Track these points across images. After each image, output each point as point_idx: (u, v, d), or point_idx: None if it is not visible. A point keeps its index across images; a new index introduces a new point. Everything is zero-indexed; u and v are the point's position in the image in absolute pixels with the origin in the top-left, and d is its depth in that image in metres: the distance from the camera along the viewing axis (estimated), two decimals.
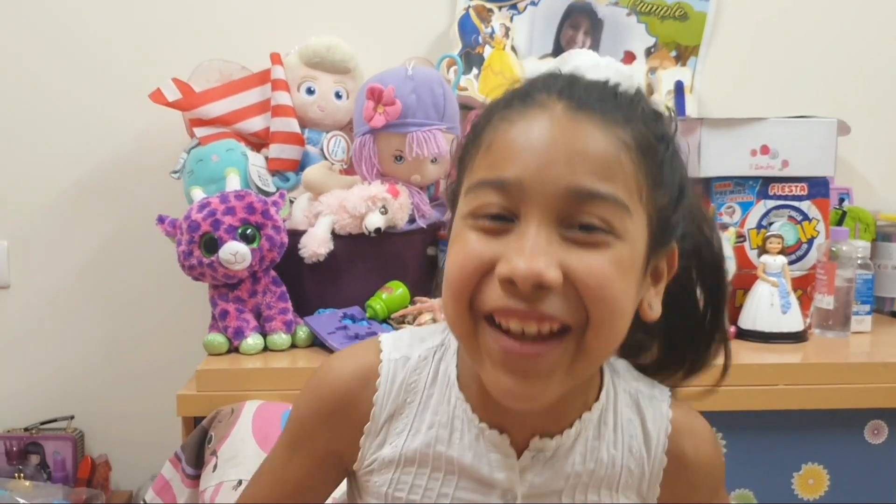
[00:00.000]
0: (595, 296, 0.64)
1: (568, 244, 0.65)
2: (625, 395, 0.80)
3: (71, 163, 1.92)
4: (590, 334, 0.65)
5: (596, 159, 0.65)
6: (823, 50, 2.10)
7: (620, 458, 0.77)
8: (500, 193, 0.66)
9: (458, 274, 0.67)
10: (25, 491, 1.69)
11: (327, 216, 1.60)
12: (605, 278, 0.64)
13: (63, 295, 1.95)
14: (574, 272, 0.64)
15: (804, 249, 1.74)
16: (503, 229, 0.66)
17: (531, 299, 0.64)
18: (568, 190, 0.64)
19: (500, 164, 0.66)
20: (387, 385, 0.78)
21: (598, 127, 0.66)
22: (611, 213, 0.65)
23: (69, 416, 1.91)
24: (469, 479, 0.76)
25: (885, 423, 1.48)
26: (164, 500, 1.36)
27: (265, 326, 1.54)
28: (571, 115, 0.66)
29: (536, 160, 0.65)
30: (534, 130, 0.66)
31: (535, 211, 0.64)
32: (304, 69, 1.79)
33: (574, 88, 0.68)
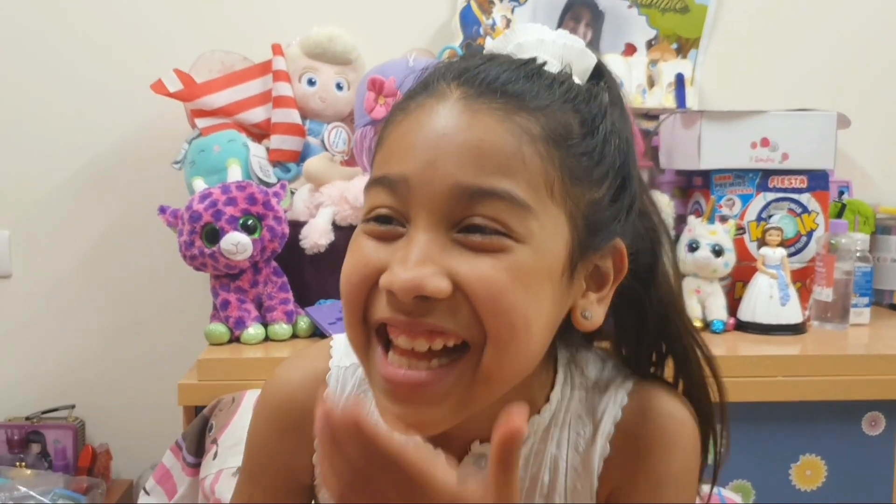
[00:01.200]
0: (488, 307, 0.57)
1: (459, 249, 0.58)
2: (579, 392, 0.73)
3: (73, 153, 1.92)
4: (488, 353, 0.58)
5: (490, 153, 0.58)
6: (824, 43, 2.10)
7: (564, 460, 0.71)
8: (389, 193, 0.60)
9: (346, 284, 0.62)
10: (27, 479, 1.70)
11: (328, 207, 1.61)
12: (499, 287, 0.57)
13: (64, 284, 1.95)
14: (463, 280, 0.57)
15: (803, 242, 1.74)
16: (394, 234, 0.60)
17: (417, 312, 0.58)
18: (455, 188, 0.57)
19: (389, 160, 0.61)
20: (335, 396, 0.73)
21: (497, 117, 0.58)
22: (506, 213, 0.58)
23: (70, 405, 1.92)
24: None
25: (882, 415, 1.49)
26: (165, 488, 1.36)
27: (266, 317, 1.54)
28: (466, 105, 0.59)
29: (423, 156, 0.58)
30: (424, 123, 0.60)
31: (422, 213, 0.58)
32: (305, 60, 1.79)
33: (478, 73, 0.61)
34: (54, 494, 1.64)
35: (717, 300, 1.65)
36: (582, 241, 0.62)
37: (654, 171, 1.86)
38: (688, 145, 1.74)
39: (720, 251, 1.63)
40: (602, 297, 0.66)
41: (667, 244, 0.73)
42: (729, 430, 0.77)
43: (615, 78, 0.70)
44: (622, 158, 0.64)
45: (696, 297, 1.65)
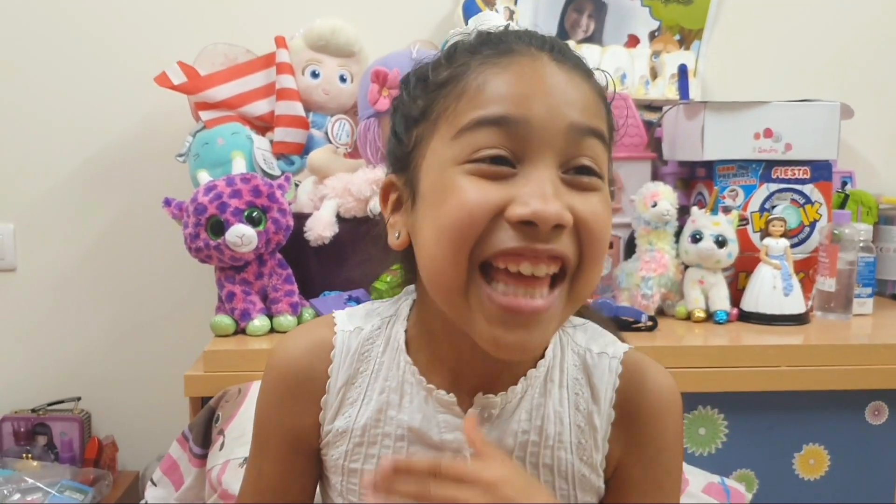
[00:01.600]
0: (596, 237, 0.67)
1: (567, 188, 0.66)
2: (572, 355, 0.80)
3: (77, 146, 1.93)
4: (583, 275, 0.67)
5: (588, 101, 0.68)
6: (827, 34, 2.10)
7: (567, 415, 0.77)
8: (502, 133, 0.65)
9: (466, 220, 0.65)
10: (33, 471, 1.71)
11: (332, 199, 1.61)
12: (604, 220, 0.68)
13: (70, 277, 1.96)
14: (580, 215, 0.66)
15: (806, 232, 1.75)
16: (505, 173, 0.66)
17: (547, 240, 0.65)
18: (572, 127, 0.66)
19: (499, 103, 0.66)
20: (341, 355, 0.79)
21: (582, 77, 0.69)
22: (600, 153, 0.69)
23: (76, 397, 1.93)
24: (420, 443, 0.76)
25: (885, 405, 1.49)
26: (172, 479, 1.37)
27: (271, 308, 1.55)
28: (559, 65, 0.68)
29: (540, 101, 0.66)
30: (529, 74, 0.67)
31: (540, 152, 0.66)
32: (308, 52, 1.80)
33: (549, 42, 0.71)
34: (61, 486, 1.65)
35: (720, 291, 1.66)
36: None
37: (657, 162, 1.87)
38: (691, 136, 1.74)
39: (723, 242, 1.63)
40: None
41: None
42: None
43: None
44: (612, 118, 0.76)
45: (700, 287, 1.66)
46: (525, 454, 0.76)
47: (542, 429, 0.76)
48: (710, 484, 1.42)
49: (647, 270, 1.65)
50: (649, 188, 1.69)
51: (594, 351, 0.80)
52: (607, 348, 0.80)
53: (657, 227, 1.67)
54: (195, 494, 1.34)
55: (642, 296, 1.65)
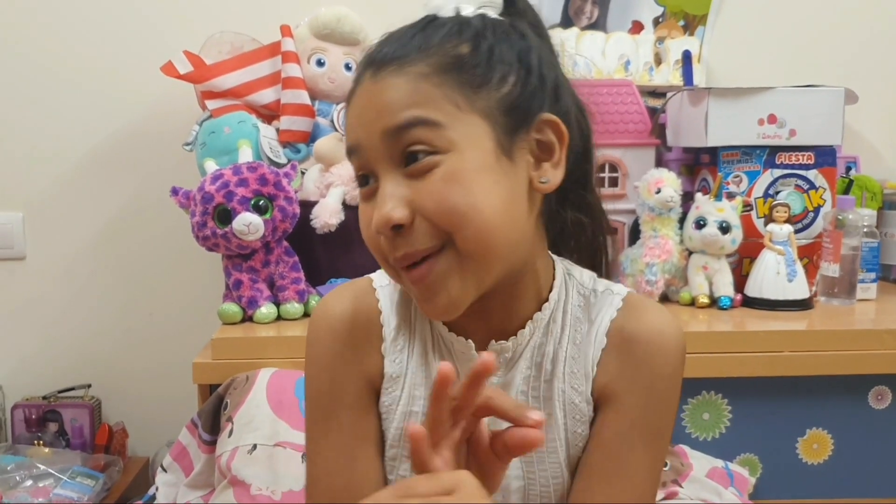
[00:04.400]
0: (439, 213, 0.72)
1: (410, 180, 0.73)
2: (577, 296, 0.85)
3: (85, 136, 1.94)
4: (458, 238, 0.72)
5: (395, 100, 0.73)
6: (831, 19, 2.09)
7: (564, 350, 0.83)
8: (357, 159, 0.76)
9: (368, 241, 0.77)
10: (45, 457, 1.73)
11: (338, 187, 1.62)
12: (440, 195, 0.72)
13: (79, 266, 1.97)
14: (417, 202, 0.72)
15: (810, 218, 1.75)
16: (373, 190, 0.75)
17: (401, 241, 0.73)
18: (383, 134, 0.73)
19: (347, 136, 0.77)
20: (386, 304, 0.86)
21: (395, 75, 0.73)
22: (425, 134, 0.72)
23: (86, 384, 1.95)
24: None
25: (888, 389, 1.50)
26: (182, 465, 1.39)
27: (278, 296, 1.56)
28: (374, 80, 0.74)
29: (360, 124, 0.75)
30: (356, 102, 0.76)
31: (378, 164, 0.74)
32: (313, 41, 1.80)
33: (376, 55, 0.76)
34: (72, 472, 1.67)
35: (724, 277, 1.66)
36: (506, 127, 0.75)
37: (661, 148, 1.87)
38: (695, 122, 1.74)
39: (727, 228, 1.64)
40: (556, 162, 0.79)
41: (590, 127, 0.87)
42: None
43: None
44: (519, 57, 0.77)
45: (704, 273, 1.67)
46: (528, 388, 0.83)
47: (542, 365, 0.83)
48: (714, 468, 1.43)
49: (652, 256, 1.66)
50: (653, 174, 1.69)
51: (599, 290, 0.85)
52: (613, 287, 0.86)
53: (661, 213, 1.67)
54: (205, 480, 1.36)
55: (646, 282, 1.66)
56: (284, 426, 1.28)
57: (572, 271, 0.87)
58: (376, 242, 0.76)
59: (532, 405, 0.82)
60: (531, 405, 0.82)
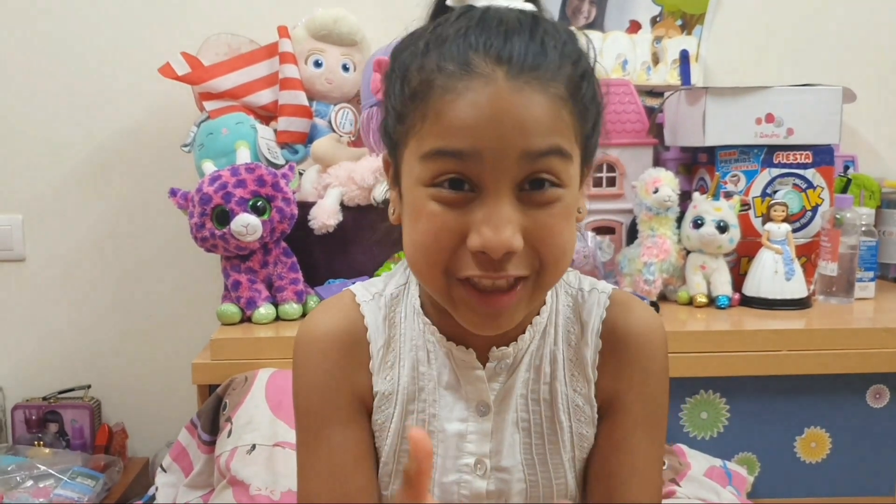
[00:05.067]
0: (550, 248, 0.71)
1: (524, 206, 0.70)
2: (565, 297, 0.85)
3: (83, 137, 1.94)
4: (545, 273, 0.72)
5: (542, 120, 0.68)
6: (828, 18, 2.09)
7: (561, 352, 0.83)
8: (458, 162, 0.69)
9: (433, 246, 0.71)
10: (45, 458, 1.73)
11: (336, 188, 1.62)
12: (558, 231, 0.71)
13: (78, 267, 1.98)
14: (531, 232, 0.70)
15: (808, 217, 1.75)
16: (466, 199, 0.70)
17: (499, 266, 0.69)
18: (523, 154, 0.68)
19: (455, 135, 0.69)
20: (371, 320, 0.84)
21: (537, 89, 0.68)
22: (559, 166, 0.70)
23: (86, 385, 1.95)
24: (448, 396, 0.82)
25: (886, 388, 1.50)
26: (181, 465, 1.39)
27: (277, 296, 1.57)
28: (513, 83, 0.68)
29: (491, 131, 0.67)
30: (482, 103, 0.68)
31: (495, 180, 0.68)
32: (311, 42, 1.80)
33: (510, 47, 0.69)
34: (73, 472, 1.67)
35: (722, 276, 1.67)
36: (585, 162, 0.75)
37: (659, 148, 1.87)
38: (692, 122, 1.75)
39: (725, 227, 1.64)
40: (584, 192, 0.79)
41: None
42: None
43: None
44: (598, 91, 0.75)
45: (702, 272, 1.67)
46: (527, 392, 0.82)
47: (541, 368, 0.82)
48: (712, 467, 1.44)
49: (649, 256, 1.66)
50: (651, 174, 1.70)
51: (585, 289, 0.86)
52: (597, 285, 0.86)
53: (659, 212, 1.67)
54: (204, 480, 1.36)
55: (644, 281, 1.66)
56: (283, 426, 1.29)
57: None
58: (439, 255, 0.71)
59: (533, 408, 0.82)
60: (533, 408, 0.82)
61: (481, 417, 0.81)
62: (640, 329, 0.84)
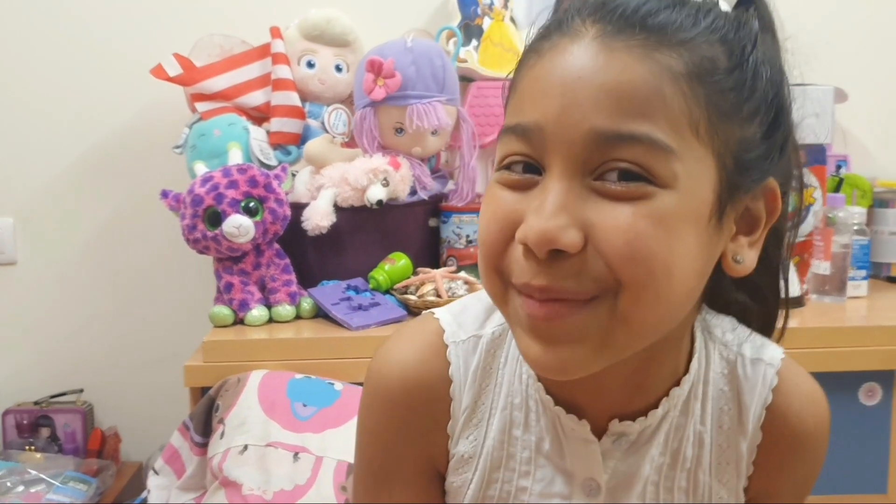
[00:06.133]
0: (622, 256, 0.54)
1: (595, 197, 0.55)
2: (720, 361, 0.70)
3: (74, 139, 1.93)
4: (626, 299, 0.55)
5: (628, 94, 0.54)
6: (820, 17, 2.09)
7: (709, 434, 0.69)
8: (522, 141, 0.57)
9: (486, 237, 0.59)
10: (37, 463, 1.72)
11: (329, 189, 1.62)
12: (639, 235, 0.54)
13: (69, 270, 1.97)
14: (600, 231, 0.55)
15: (801, 216, 1.75)
16: (529, 182, 0.57)
17: (549, 269, 0.55)
18: (591, 133, 0.54)
19: (522, 107, 0.58)
20: (459, 372, 0.70)
21: (636, 54, 0.54)
22: (647, 156, 0.54)
23: (78, 389, 1.94)
24: (548, 467, 0.69)
25: (879, 385, 1.50)
26: (174, 468, 1.39)
27: (270, 298, 1.56)
28: (603, 43, 0.55)
29: (558, 101, 0.55)
30: (558, 65, 0.56)
31: (557, 160, 0.55)
32: (303, 43, 1.80)
33: (616, 7, 0.56)
34: (65, 477, 1.66)
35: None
36: (731, 182, 0.58)
37: None
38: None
39: None
40: (753, 240, 0.62)
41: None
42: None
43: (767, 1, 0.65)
44: (775, 90, 0.61)
45: None
46: (660, 478, 0.69)
47: (680, 451, 0.69)
48: None
49: None
50: None
51: (747, 356, 0.70)
52: (763, 353, 0.71)
53: None
54: (197, 482, 1.35)
55: None
56: (276, 427, 1.28)
57: (711, 326, 0.70)
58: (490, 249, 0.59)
59: (665, 496, 0.69)
60: (665, 496, 0.69)
61: (588, 496, 0.68)
62: (814, 425, 0.71)
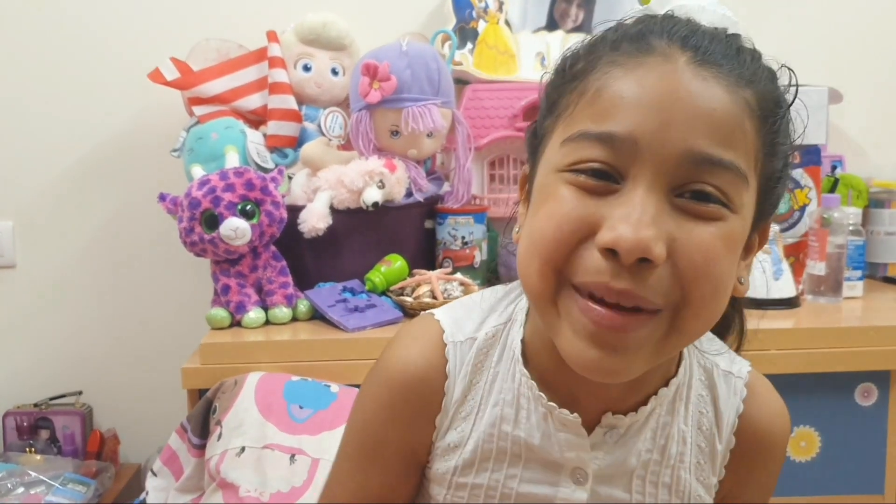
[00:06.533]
0: (700, 273, 0.58)
1: (677, 214, 0.59)
2: (699, 369, 0.75)
3: (73, 143, 1.94)
4: (687, 313, 0.60)
5: (720, 123, 0.58)
6: (815, 18, 2.11)
7: (690, 434, 0.74)
8: (607, 149, 0.59)
9: (553, 234, 0.60)
10: (37, 465, 1.73)
11: (326, 191, 1.62)
12: (715, 255, 0.59)
13: (68, 273, 1.97)
14: (681, 246, 0.58)
15: (796, 217, 1.76)
16: (607, 189, 0.59)
17: (632, 275, 0.58)
18: (687, 154, 0.58)
19: (610, 115, 0.59)
20: (455, 370, 0.74)
21: (724, 86, 0.59)
22: (729, 183, 0.59)
23: (77, 391, 1.95)
24: (536, 459, 0.73)
25: (875, 386, 1.51)
26: (172, 469, 1.39)
27: (266, 300, 1.57)
28: (696, 71, 0.59)
29: (655, 117, 0.58)
30: (653, 82, 0.59)
31: (646, 173, 0.58)
32: (300, 46, 1.81)
33: (697, 38, 0.61)
34: (64, 479, 1.67)
35: None
36: (760, 213, 0.64)
37: None
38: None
39: None
40: (748, 264, 0.68)
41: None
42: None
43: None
44: (792, 137, 0.66)
45: None
46: (646, 473, 0.73)
47: (666, 448, 0.73)
48: None
49: None
50: None
51: (721, 367, 0.76)
52: (732, 367, 0.77)
53: None
54: (195, 484, 1.36)
55: None
56: (273, 429, 1.29)
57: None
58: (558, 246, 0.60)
59: (650, 490, 0.73)
60: (650, 490, 0.73)
61: (576, 486, 0.72)
62: (780, 434, 0.77)
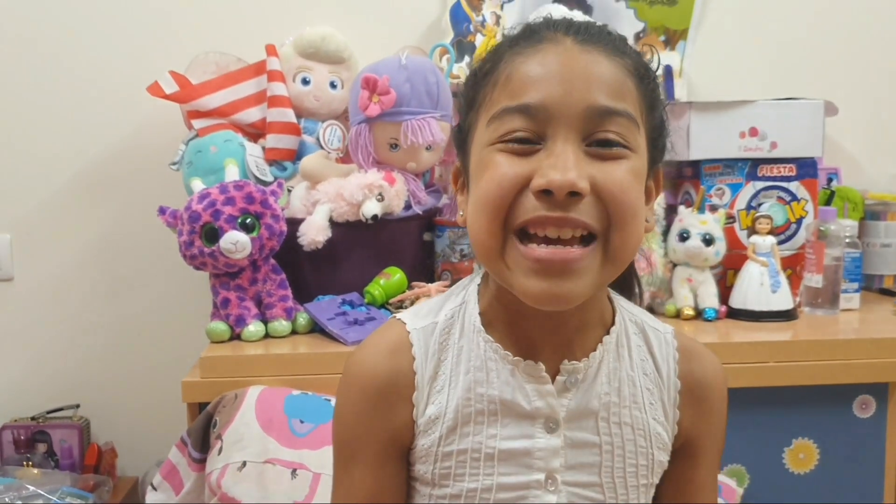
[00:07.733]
0: (618, 201, 0.72)
1: (590, 159, 0.72)
2: (631, 324, 0.86)
3: (72, 156, 1.94)
4: (615, 237, 0.73)
5: (609, 81, 0.73)
6: (811, 31, 2.12)
7: (638, 378, 0.84)
8: (525, 118, 0.73)
9: (495, 191, 0.73)
10: (34, 478, 1.72)
11: (325, 204, 1.63)
12: (626, 186, 0.73)
13: (66, 286, 1.97)
14: (599, 182, 0.72)
15: (793, 229, 1.77)
16: (531, 150, 0.73)
17: (565, 207, 0.71)
18: (589, 109, 0.72)
19: (523, 91, 0.73)
20: (421, 350, 0.82)
21: (605, 55, 0.74)
22: (625, 128, 0.73)
23: (75, 404, 1.94)
24: (511, 415, 0.80)
25: (872, 398, 1.51)
26: (172, 484, 1.39)
27: (266, 314, 1.57)
28: (581, 47, 0.74)
29: (558, 86, 0.72)
30: (551, 60, 0.74)
31: (560, 130, 0.72)
32: (299, 60, 1.81)
33: (576, 26, 0.76)
34: (62, 493, 1.66)
35: (708, 288, 1.68)
36: (651, 158, 0.79)
37: None
38: (677, 136, 1.76)
39: (711, 240, 1.65)
40: (650, 208, 0.82)
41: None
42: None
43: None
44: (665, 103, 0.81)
45: (688, 285, 1.68)
46: (608, 414, 0.81)
47: (620, 390, 0.82)
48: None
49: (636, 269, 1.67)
50: None
51: (648, 323, 0.87)
52: (657, 325, 0.88)
53: None
54: (195, 498, 1.36)
55: None
56: (274, 443, 1.29)
57: (617, 297, 0.88)
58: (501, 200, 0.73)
59: (615, 430, 0.82)
60: (614, 430, 0.82)
61: (550, 434, 0.80)
62: (715, 380, 0.88)
